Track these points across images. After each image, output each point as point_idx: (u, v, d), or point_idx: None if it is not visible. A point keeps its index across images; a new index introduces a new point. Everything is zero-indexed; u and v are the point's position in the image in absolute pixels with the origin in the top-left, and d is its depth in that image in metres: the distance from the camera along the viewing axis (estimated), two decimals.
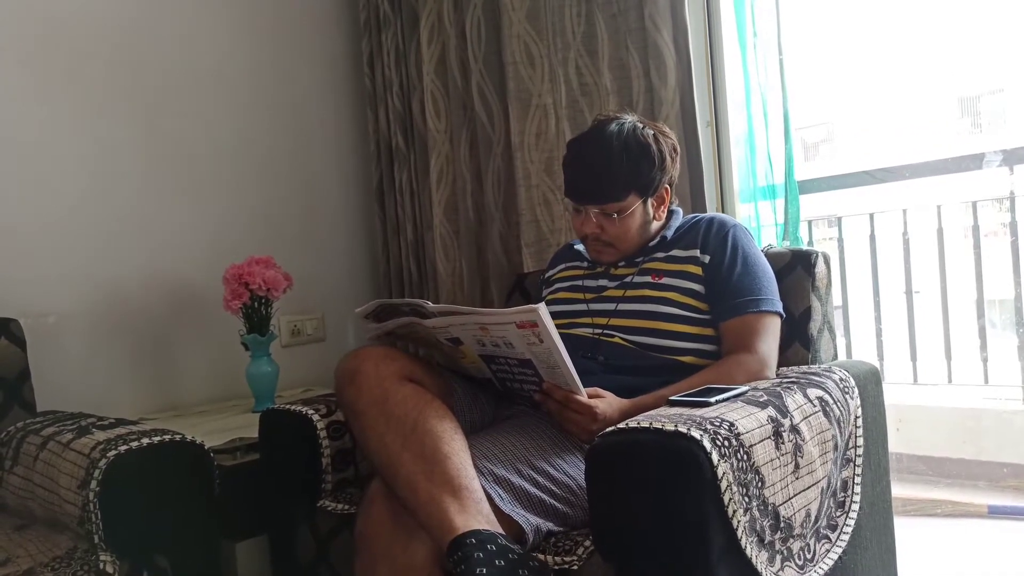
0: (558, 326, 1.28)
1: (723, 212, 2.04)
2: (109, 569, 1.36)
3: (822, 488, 1.27)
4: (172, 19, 2.30)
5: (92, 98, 2.15)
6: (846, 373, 1.46)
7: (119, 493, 1.38)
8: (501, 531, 1.15)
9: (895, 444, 1.63)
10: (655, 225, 1.61)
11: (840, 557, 1.31)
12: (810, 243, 2.69)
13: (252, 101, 2.46)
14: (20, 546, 1.42)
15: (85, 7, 2.15)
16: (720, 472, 1.04)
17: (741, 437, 1.10)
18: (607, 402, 1.33)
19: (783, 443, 1.18)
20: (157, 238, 2.25)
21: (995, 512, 2.60)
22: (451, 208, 2.41)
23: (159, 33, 2.27)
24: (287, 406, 1.62)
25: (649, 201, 1.56)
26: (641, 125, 1.56)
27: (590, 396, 1.32)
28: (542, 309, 1.21)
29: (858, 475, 1.41)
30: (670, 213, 1.64)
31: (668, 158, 1.56)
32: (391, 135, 2.54)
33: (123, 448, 1.41)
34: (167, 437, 1.48)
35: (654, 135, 1.55)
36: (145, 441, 1.44)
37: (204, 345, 2.32)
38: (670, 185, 1.59)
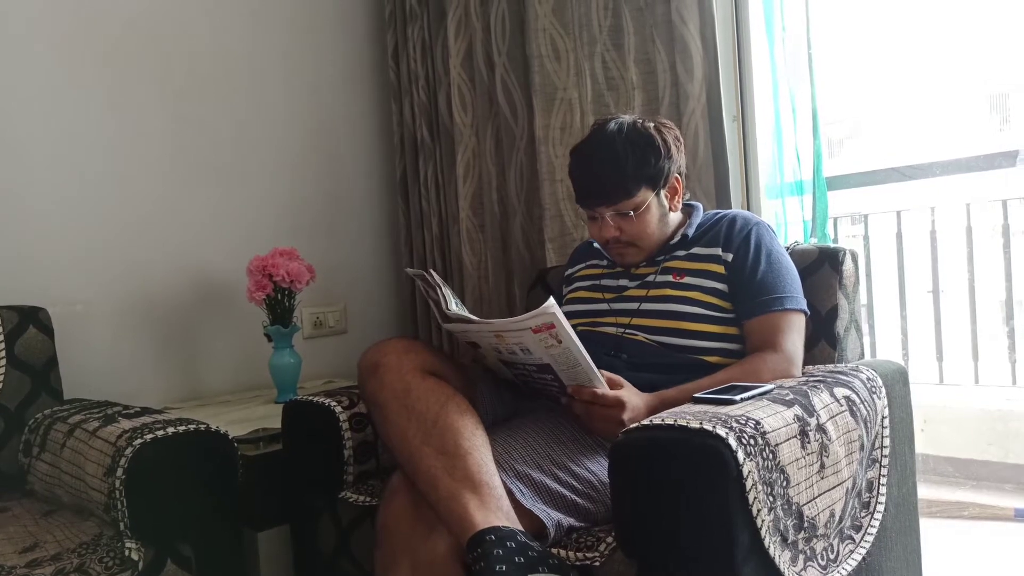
0: (580, 325, 1.27)
1: (749, 209, 2.01)
2: (135, 556, 1.38)
3: (847, 488, 1.25)
4: (200, 8, 2.31)
5: (121, 87, 2.16)
6: (873, 372, 1.44)
7: (145, 481, 1.40)
8: (521, 528, 1.16)
9: (920, 444, 1.61)
10: (674, 219, 1.59)
11: (864, 558, 1.29)
12: (835, 240, 2.66)
13: (277, 92, 2.47)
14: (47, 531, 1.44)
15: None
16: (745, 471, 1.03)
17: (767, 436, 1.09)
18: (631, 391, 1.33)
19: (809, 442, 1.16)
20: (184, 228, 2.27)
21: (1021, 516, 2.56)
22: (477, 202, 2.40)
23: (187, 22, 2.29)
24: (310, 397, 1.63)
25: (662, 193, 1.54)
26: (640, 120, 1.55)
27: (609, 384, 1.32)
28: (556, 309, 1.20)
29: (884, 476, 1.39)
30: (691, 209, 1.63)
31: (673, 147, 1.54)
32: (416, 128, 2.54)
33: (149, 437, 1.43)
34: (192, 427, 1.49)
35: (655, 126, 1.53)
36: (171, 430, 1.46)
37: (228, 335, 2.34)
38: (680, 175, 1.57)
